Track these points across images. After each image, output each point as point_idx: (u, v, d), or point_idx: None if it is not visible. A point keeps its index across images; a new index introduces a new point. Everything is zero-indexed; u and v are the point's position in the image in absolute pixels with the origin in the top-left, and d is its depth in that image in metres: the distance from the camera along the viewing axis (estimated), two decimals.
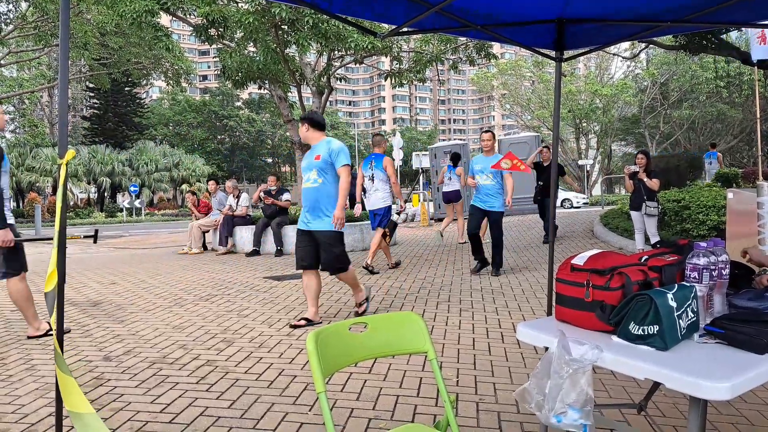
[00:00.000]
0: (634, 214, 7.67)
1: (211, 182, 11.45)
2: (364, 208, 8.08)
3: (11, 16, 23.57)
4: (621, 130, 38.55)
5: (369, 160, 7.30)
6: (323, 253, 4.64)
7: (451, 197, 10.49)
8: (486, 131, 7.14)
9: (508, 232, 11.65)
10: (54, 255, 2.25)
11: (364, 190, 7.39)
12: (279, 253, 9.45)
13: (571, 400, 1.44)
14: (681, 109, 33.25)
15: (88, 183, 37.76)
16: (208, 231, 10.91)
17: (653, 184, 7.31)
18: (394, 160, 7.58)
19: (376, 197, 7.19)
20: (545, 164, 9.95)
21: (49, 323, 4.56)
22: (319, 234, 4.62)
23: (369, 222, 10.16)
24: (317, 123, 4.73)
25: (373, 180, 7.16)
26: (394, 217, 7.35)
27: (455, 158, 10.55)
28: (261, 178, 53.13)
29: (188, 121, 50.93)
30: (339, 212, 4.54)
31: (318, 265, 4.70)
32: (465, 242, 10.39)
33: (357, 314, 4.89)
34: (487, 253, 7.21)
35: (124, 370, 3.60)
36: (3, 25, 22.86)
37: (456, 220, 10.71)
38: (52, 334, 4.57)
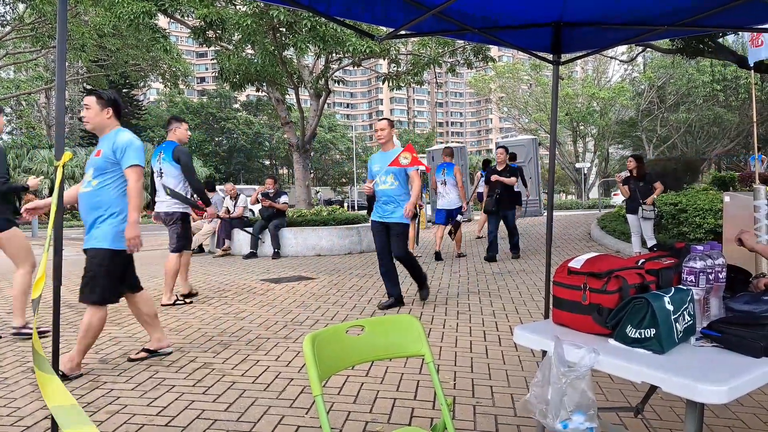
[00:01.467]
0: (630, 217, 7.70)
1: None
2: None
3: (8, 17, 23.53)
4: (618, 133, 38.66)
5: (441, 168, 8.72)
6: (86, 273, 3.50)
7: (482, 197, 11.71)
8: (381, 119, 5.48)
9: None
10: (44, 260, 2.24)
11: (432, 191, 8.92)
12: (276, 255, 9.45)
13: (575, 405, 1.44)
14: (678, 113, 33.37)
15: None
16: (207, 237, 10.82)
17: (658, 190, 7.50)
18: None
19: (450, 198, 8.59)
20: (500, 168, 8.47)
21: (177, 295, 5.79)
22: (87, 251, 3.48)
23: (365, 224, 10.28)
24: (109, 103, 3.55)
25: (445, 184, 8.57)
26: (459, 217, 8.79)
27: (485, 164, 11.54)
28: (259, 181, 53.08)
29: None
30: (131, 230, 3.37)
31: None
32: (482, 237, 11.58)
33: (130, 359, 3.81)
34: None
35: (121, 373, 3.59)
36: (0, 26, 22.83)
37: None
38: (182, 303, 5.73)
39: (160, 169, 5.62)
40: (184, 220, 5.60)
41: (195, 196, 5.72)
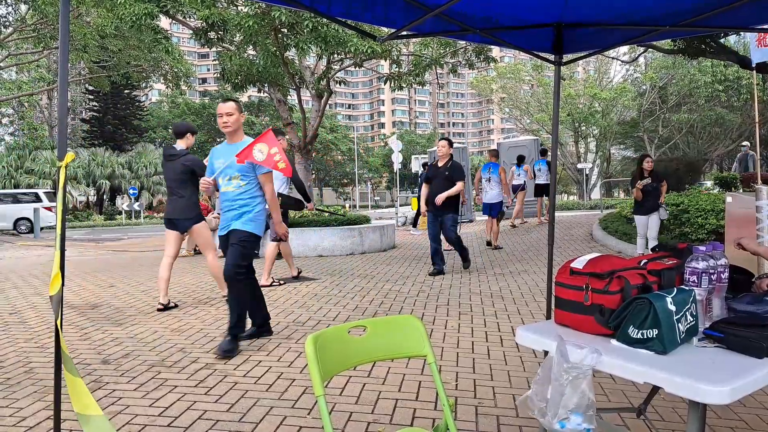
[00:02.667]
0: (640, 218, 7.65)
1: None
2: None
3: (11, 18, 23.58)
4: (620, 133, 38.63)
5: (487, 167, 9.79)
6: None
7: (517, 188, 12.78)
8: (227, 100, 4.11)
9: (507, 237, 11.63)
10: (57, 258, 2.24)
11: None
12: (278, 256, 9.43)
13: (573, 405, 1.43)
14: (680, 113, 33.33)
15: (88, 186, 37.72)
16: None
17: (665, 186, 7.73)
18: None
19: (492, 194, 9.67)
20: (440, 164, 7.21)
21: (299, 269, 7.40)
22: None
23: (366, 225, 10.28)
24: None
25: (489, 181, 9.66)
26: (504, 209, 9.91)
27: (520, 159, 13.04)
28: None
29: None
30: None
31: None
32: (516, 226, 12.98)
33: None
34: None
35: (123, 373, 3.59)
36: (2, 27, 22.87)
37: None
38: (277, 284, 6.77)
39: None
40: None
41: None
